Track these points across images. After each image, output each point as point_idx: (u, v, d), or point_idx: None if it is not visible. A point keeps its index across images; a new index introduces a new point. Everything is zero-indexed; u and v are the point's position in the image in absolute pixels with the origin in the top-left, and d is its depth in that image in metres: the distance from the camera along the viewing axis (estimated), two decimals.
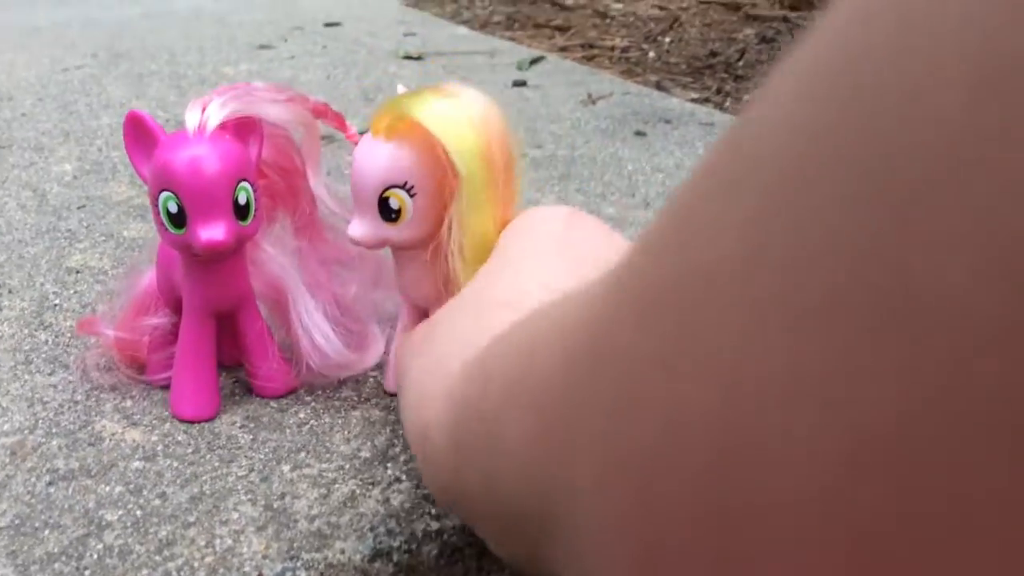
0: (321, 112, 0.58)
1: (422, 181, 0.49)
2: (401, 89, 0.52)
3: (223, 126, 0.51)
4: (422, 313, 0.55)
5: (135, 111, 0.51)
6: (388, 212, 0.50)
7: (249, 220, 0.52)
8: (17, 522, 0.46)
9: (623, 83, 1.43)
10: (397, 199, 0.49)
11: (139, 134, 0.51)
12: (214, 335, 0.55)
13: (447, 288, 0.51)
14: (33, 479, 0.50)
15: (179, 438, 0.53)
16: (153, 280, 0.58)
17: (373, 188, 0.49)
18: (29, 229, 0.85)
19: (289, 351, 0.57)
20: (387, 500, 0.48)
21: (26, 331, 0.66)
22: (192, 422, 0.55)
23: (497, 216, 0.48)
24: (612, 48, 1.82)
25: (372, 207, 0.50)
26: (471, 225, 0.47)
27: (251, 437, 0.53)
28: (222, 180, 0.50)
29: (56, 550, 0.44)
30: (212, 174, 0.49)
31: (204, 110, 0.51)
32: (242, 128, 0.53)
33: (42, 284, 0.74)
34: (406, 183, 0.49)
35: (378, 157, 0.49)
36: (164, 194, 0.50)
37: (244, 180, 0.51)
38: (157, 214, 0.51)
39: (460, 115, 0.48)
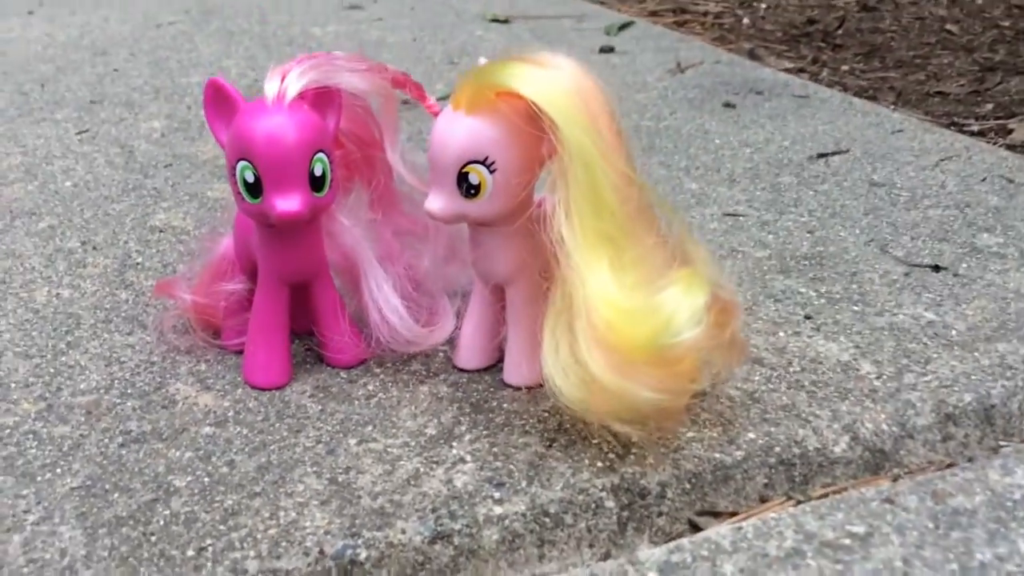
0: (401, 83, 0.57)
1: (503, 157, 0.48)
2: (483, 61, 0.51)
3: (302, 95, 0.51)
4: (495, 289, 0.54)
5: (215, 79, 0.51)
6: (467, 187, 0.49)
7: (325, 191, 0.51)
8: (88, 483, 0.47)
9: (714, 51, 1.38)
10: (477, 174, 0.48)
11: (219, 101, 0.51)
12: (288, 304, 0.55)
13: (532, 262, 0.50)
14: (106, 440, 0.51)
15: (250, 404, 0.54)
16: (230, 246, 0.58)
17: (452, 162, 0.49)
18: (116, 186, 0.87)
19: (361, 322, 0.57)
20: (450, 481, 0.47)
21: (108, 289, 0.67)
22: (263, 389, 0.55)
23: (618, 189, 0.46)
24: (705, 13, 1.77)
25: (451, 181, 0.49)
26: (586, 199, 0.45)
27: (320, 407, 0.54)
28: (298, 151, 0.49)
29: (124, 514, 0.45)
30: (289, 145, 0.49)
31: (283, 79, 0.50)
32: (321, 98, 0.52)
33: (126, 242, 0.75)
34: (487, 159, 0.48)
35: (458, 131, 0.48)
36: (241, 163, 0.50)
37: (321, 151, 0.50)
38: (234, 183, 0.51)
39: (564, 86, 0.46)
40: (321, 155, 0.50)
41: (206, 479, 0.47)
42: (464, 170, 0.48)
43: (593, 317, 0.44)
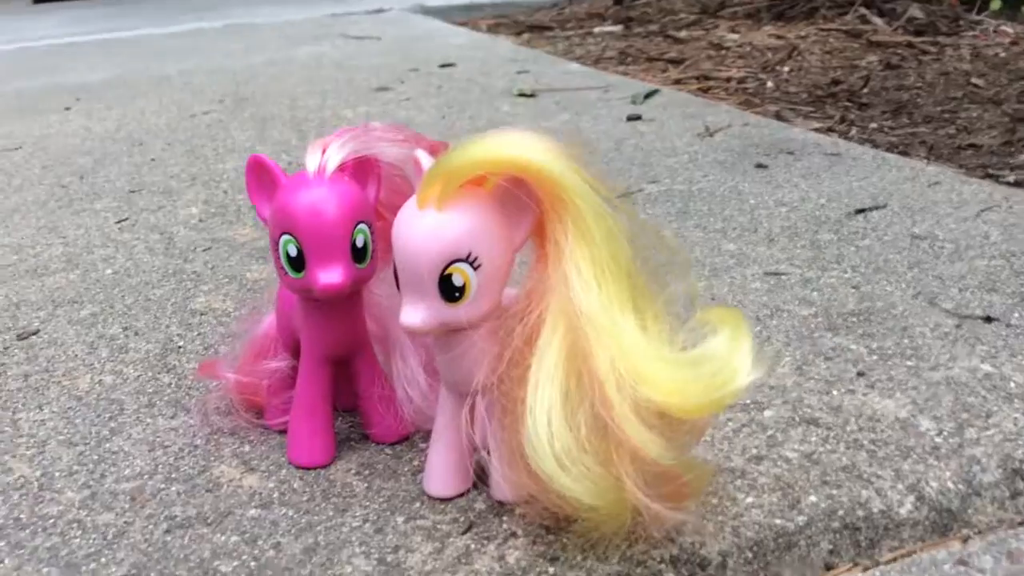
0: (437, 151, 0.57)
1: (486, 250, 0.44)
2: (426, 159, 0.47)
3: (342, 167, 0.51)
4: (461, 398, 0.48)
5: (257, 155, 0.51)
6: (451, 291, 0.44)
7: (366, 262, 0.51)
8: (134, 572, 0.46)
9: (741, 114, 1.39)
10: (461, 274, 0.44)
11: (261, 177, 0.51)
12: (331, 381, 0.55)
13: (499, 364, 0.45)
14: (151, 526, 0.50)
15: (295, 485, 0.53)
16: (272, 324, 0.58)
17: (433, 266, 0.43)
18: (156, 271, 0.87)
19: None
20: (502, 557, 0.46)
21: (150, 373, 0.67)
22: (308, 469, 0.54)
23: (630, 242, 0.44)
24: (728, 79, 1.78)
25: (432, 288, 0.44)
26: (609, 255, 0.43)
27: (366, 485, 0.52)
28: (341, 223, 0.49)
29: None
30: (331, 217, 0.49)
31: (324, 152, 0.51)
32: (360, 169, 0.52)
33: (167, 326, 0.75)
34: (469, 255, 0.43)
35: (435, 230, 0.43)
36: (284, 237, 0.50)
37: (362, 222, 0.50)
38: (277, 257, 0.51)
39: (544, 145, 0.43)
40: (363, 226, 0.50)
41: (252, 563, 0.46)
42: (447, 272, 0.44)
43: (633, 378, 0.41)
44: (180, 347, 0.71)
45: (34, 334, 0.75)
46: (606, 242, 0.43)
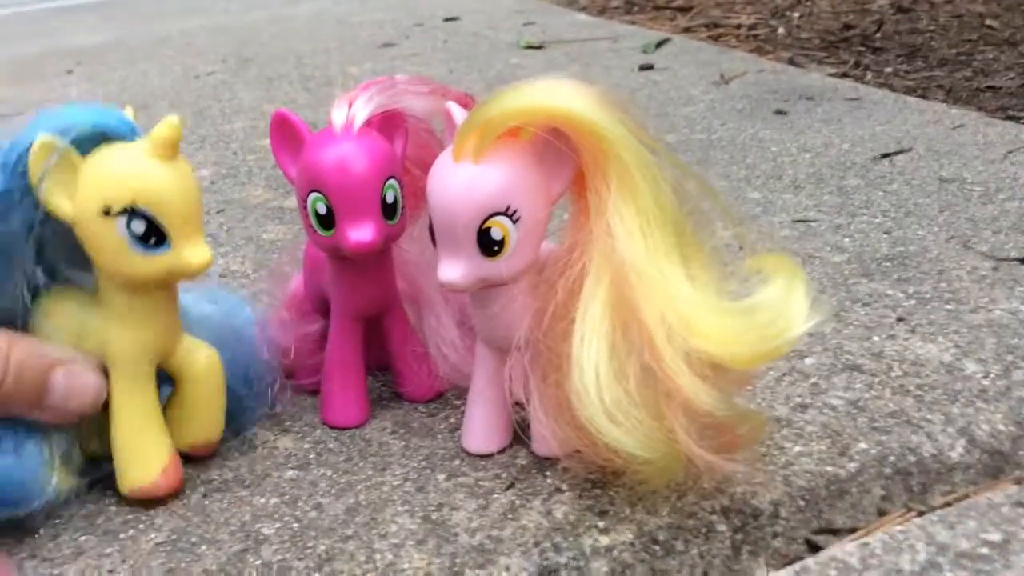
0: (464, 103, 0.55)
1: (525, 202, 0.42)
2: (458, 111, 0.46)
3: (369, 122, 0.49)
4: (501, 354, 0.48)
5: (282, 111, 0.50)
6: (490, 245, 0.42)
7: (396, 219, 0.50)
8: (173, 537, 0.45)
9: (756, 60, 1.36)
10: (500, 228, 0.42)
11: (286, 134, 0.50)
12: (362, 340, 0.54)
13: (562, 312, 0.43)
14: (187, 490, 0.49)
15: (331, 445, 0.52)
16: (300, 285, 0.57)
17: (471, 220, 0.42)
18: None
19: None
20: (549, 512, 0.45)
21: None
22: (342, 429, 0.53)
23: (675, 188, 0.42)
24: (738, 26, 1.75)
25: (470, 242, 0.42)
26: (655, 203, 0.41)
27: (403, 444, 0.52)
28: (370, 179, 0.48)
29: (214, 567, 0.43)
30: (360, 173, 0.47)
31: (351, 106, 0.49)
32: (387, 123, 0.50)
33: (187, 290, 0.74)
34: (508, 207, 0.42)
35: (472, 183, 0.42)
36: (313, 195, 0.48)
37: (392, 178, 0.49)
38: (305, 216, 0.49)
39: (585, 91, 0.42)
40: (392, 182, 0.49)
41: (295, 525, 0.45)
42: (485, 226, 0.42)
43: (684, 329, 0.40)
44: None
45: None
46: (650, 191, 0.42)
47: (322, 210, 0.48)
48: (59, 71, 1.68)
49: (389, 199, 0.49)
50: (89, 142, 0.43)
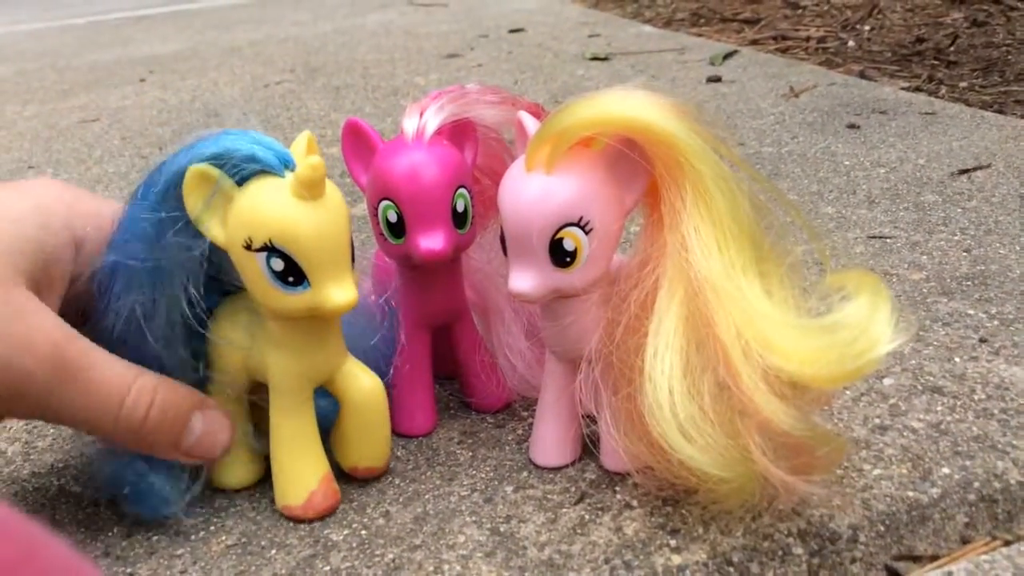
0: (535, 113, 0.55)
1: (598, 214, 0.42)
2: (530, 121, 0.45)
3: (439, 131, 0.49)
4: (572, 366, 0.47)
5: (354, 119, 0.50)
6: (562, 256, 0.42)
7: (467, 228, 0.50)
8: (244, 540, 0.46)
9: (826, 73, 1.34)
10: (573, 239, 0.42)
11: (358, 142, 0.50)
12: (431, 349, 0.53)
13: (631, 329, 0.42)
14: (258, 495, 0.49)
15: (398, 453, 0.52)
16: (370, 292, 0.57)
17: (544, 230, 0.42)
18: None
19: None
20: (620, 528, 0.44)
21: None
22: (410, 437, 0.53)
23: (753, 203, 0.41)
24: (807, 39, 1.72)
25: (543, 253, 0.42)
26: (732, 218, 0.40)
27: (471, 454, 0.51)
28: (441, 187, 0.48)
29: (284, 571, 0.43)
30: (431, 182, 0.47)
31: (422, 115, 0.49)
32: (458, 132, 0.50)
33: None
34: (581, 218, 0.42)
35: (546, 193, 0.41)
36: (384, 203, 0.48)
37: (462, 186, 0.49)
38: (376, 224, 0.49)
39: (659, 102, 0.41)
40: (463, 190, 0.49)
41: (363, 532, 0.45)
42: (557, 236, 0.42)
43: (761, 346, 0.39)
44: None
45: None
46: (727, 203, 0.41)
47: (393, 218, 0.48)
48: (133, 79, 1.72)
49: (459, 208, 0.49)
50: (245, 170, 0.43)
